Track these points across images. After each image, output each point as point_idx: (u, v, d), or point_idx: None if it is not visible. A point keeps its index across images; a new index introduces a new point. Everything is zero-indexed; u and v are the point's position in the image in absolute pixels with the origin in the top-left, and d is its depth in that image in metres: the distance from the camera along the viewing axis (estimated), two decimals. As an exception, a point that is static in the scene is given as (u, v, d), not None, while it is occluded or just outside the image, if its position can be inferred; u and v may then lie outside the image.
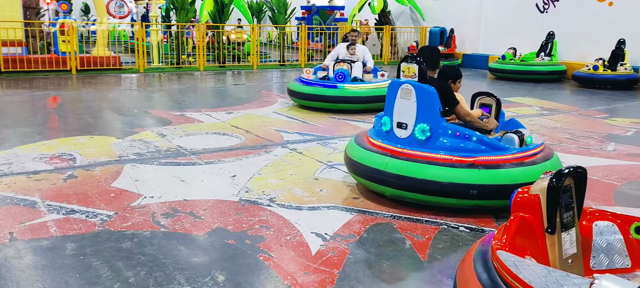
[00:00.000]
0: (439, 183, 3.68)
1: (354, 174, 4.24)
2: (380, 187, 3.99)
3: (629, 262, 2.30)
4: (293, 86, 8.29)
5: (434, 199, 3.80)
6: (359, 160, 4.08)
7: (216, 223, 3.53)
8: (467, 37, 16.67)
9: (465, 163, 3.70)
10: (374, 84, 8.04)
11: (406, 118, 3.99)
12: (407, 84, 3.97)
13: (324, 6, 20.54)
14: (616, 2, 12.80)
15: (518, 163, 3.76)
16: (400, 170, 3.81)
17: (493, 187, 3.62)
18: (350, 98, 7.79)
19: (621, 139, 6.47)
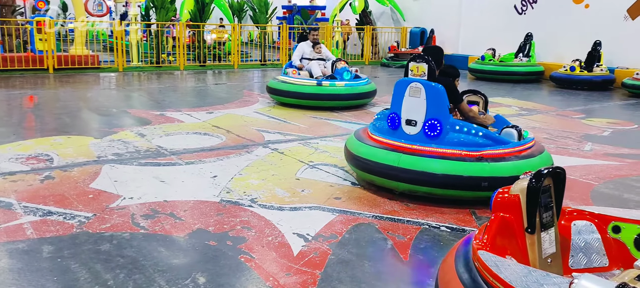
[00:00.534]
0: (452, 176, 3.84)
1: (361, 171, 4.33)
2: (390, 183, 4.10)
3: (606, 261, 2.33)
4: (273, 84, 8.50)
5: (446, 192, 3.94)
6: (368, 157, 4.18)
7: (197, 225, 3.50)
8: (447, 38, 16.81)
9: (474, 157, 3.89)
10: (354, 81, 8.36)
11: (415, 115, 4.16)
12: (417, 82, 4.14)
13: (305, 6, 20.55)
14: (592, 4, 13.04)
15: (520, 156, 3.99)
16: (413, 166, 3.94)
17: (501, 179, 3.71)
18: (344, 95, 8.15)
19: (598, 139, 6.58)
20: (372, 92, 8.62)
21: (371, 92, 8.59)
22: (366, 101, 8.62)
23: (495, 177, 3.79)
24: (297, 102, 8.13)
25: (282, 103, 8.40)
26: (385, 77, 13.62)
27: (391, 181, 4.09)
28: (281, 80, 8.37)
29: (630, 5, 12.30)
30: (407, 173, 3.96)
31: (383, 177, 4.13)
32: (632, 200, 4.27)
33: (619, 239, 2.33)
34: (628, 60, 12.35)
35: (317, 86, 8.03)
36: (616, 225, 2.34)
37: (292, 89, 8.15)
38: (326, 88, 8.02)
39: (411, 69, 4.22)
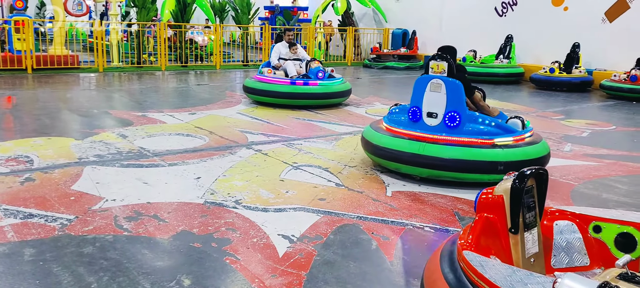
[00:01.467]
0: (472, 162, 4.38)
1: (384, 160, 4.79)
2: (414, 169, 4.62)
3: (587, 260, 2.38)
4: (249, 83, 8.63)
5: (466, 176, 4.47)
6: (392, 147, 4.67)
7: (181, 226, 3.48)
8: (429, 39, 16.93)
9: (489, 144, 4.46)
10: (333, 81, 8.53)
11: (436, 108, 4.68)
12: (438, 79, 4.65)
13: (288, 7, 20.50)
14: (571, 7, 13.25)
15: (526, 143, 4.57)
16: (436, 153, 4.44)
17: (514, 163, 4.28)
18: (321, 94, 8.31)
19: (577, 140, 6.69)
20: (346, 91, 8.71)
21: (346, 91, 8.69)
22: (341, 100, 8.72)
23: (509, 162, 4.33)
24: (272, 100, 8.28)
25: (260, 102, 8.51)
26: (367, 78, 13.68)
27: (415, 168, 4.58)
28: (257, 79, 8.49)
29: (608, 7, 12.53)
30: (431, 160, 4.45)
31: (408, 165, 4.61)
32: (611, 200, 4.35)
33: (600, 239, 2.38)
34: (606, 62, 12.57)
35: (291, 85, 8.19)
36: (597, 225, 2.39)
37: (268, 88, 8.30)
38: (300, 87, 8.19)
39: (431, 67, 4.72)
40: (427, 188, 4.47)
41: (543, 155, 4.63)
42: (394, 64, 16.34)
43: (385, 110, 8.55)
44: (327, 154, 5.53)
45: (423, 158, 4.48)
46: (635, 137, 7.25)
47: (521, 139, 4.58)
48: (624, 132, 7.53)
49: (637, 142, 6.88)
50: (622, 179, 4.97)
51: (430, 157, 4.45)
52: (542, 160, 4.56)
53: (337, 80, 8.60)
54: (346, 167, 5.06)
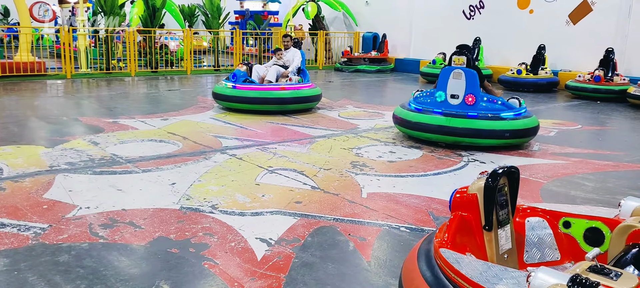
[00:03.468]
0: (485, 130, 5.97)
1: (418, 131, 6.28)
2: (442, 137, 6.12)
3: (558, 255, 2.46)
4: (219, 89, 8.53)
5: (482, 141, 6.03)
6: (422, 120, 6.19)
7: (157, 232, 3.45)
8: (399, 42, 17.14)
9: (497, 118, 6.02)
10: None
11: (458, 91, 6.18)
12: (459, 69, 6.21)
13: (258, 11, 20.50)
14: (536, 10, 13.59)
15: (523, 116, 6.20)
16: (459, 125, 6.00)
17: (515, 130, 6.06)
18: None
19: (545, 139, 6.88)
20: (316, 96, 8.65)
21: (316, 96, 8.63)
22: (311, 105, 8.65)
23: (512, 130, 6.02)
24: (240, 106, 8.17)
25: (230, 108, 8.39)
26: (339, 82, 13.76)
27: (442, 136, 6.10)
28: (225, 85, 8.39)
29: (572, 10, 12.90)
30: (455, 130, 6.00)
31: (437, 134, 6.12)
32: (579, 197, 4.50)
33: (570, 234, 2.47)
34: (570, 63, 12.94)
35: (260, 91, 8.10)
36: (566, 221, 2.48)
37: (236, 94, 8.18)
38: (269, 92, 8.10)
39: (454, 60, 6.31)
40: (402, 189, 4.54)
41: (535, 126, 6.31)
42: (365, 67, 16.48)
43: (358, 113, 8.64)
44: (302, 158, 5.56)
45: (450, 130, 6.01)
46: (600, 135, 7.49)
47: (519, 114, 6.17)
48: (589, 130, 7.76)
49: (602, 141, 7.11)
50: (589, 176, 5.14)
51: (455, 128, 5.99)
52: (534, 129, 6.29)
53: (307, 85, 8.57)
54: (321, 170, 5.10)
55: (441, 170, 5.26)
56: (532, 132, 6.25)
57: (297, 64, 8.84)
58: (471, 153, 5.95)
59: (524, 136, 6.21)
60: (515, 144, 6.20)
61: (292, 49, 8.97)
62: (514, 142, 6.15)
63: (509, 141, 6.08)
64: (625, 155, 6.09)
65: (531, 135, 6.31)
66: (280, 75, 8.66)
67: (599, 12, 12.45)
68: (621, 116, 9.20)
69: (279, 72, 8.68)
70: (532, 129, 6.23)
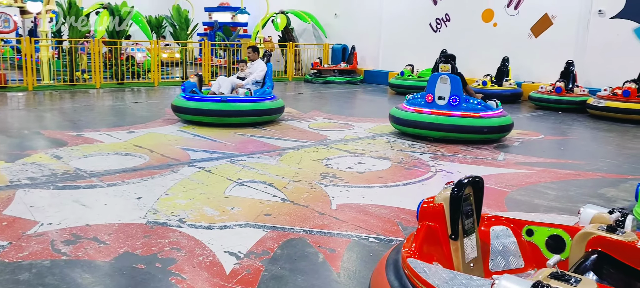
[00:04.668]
0: (467, 126, 7.13)
1: (410, 128, 7.47)
2: (431, 133, 7.26)
3: (522, 263, 2.52)
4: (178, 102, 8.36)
5: (463, 136, 7.17)
6: (412, 118, 7.41)
7: (123, 248, 3.39)
8: (368, 54, 17.31)
9: (477, 116, 7.15)
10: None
11: (444, 93, 7.31)
12: (445, 75, 7.34)
13: (227, 22, 20.43)
14: (500, 23, 13.93)
15: (499, 116, 7.32)
16: (445, 122, 7.17)
17: (492, 127, 7.21)
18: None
19: (510, 149, 7.03)
20: (278, 108, 8.55)
21: (277, 108, 8.53)
22: (273, 117, 8.50)
23: (490, 126, 7.16)
24: (199, 119, 8.00)
25: (188, 121, 8.19)
26: (309, 93, 13.80)
27: (430, 131, 7.25)
28: (184, 97, 8.21)
29: (533, 24, 13.27)
30: (441, 127, 7.18)
31: (427, 130, 7.27)
32: (542, 205, 4.60)
33: (533, 242, 2.52)
34: (533, 75, 13.29)
35: (220, 103, 7.98)
36: (529, 229, 2.54)
37: (195, 106, 8.02)
38: (230, 105, 7.96)
39: (441, 67, 7.44)
40: (371, 200, 4.57)
41: (509, 123, 7.45)
42: (334, 78, 16.58)
43: (328, 124, 8.67)
44: (271, 170, 5.54)
45: (437, 126, 7.18)
46: (561, 145, 7.70)
47: (495, 114, 7.29)
48: (552, 140, 7.97)
49: (564, 150, 7.31)
50: (551, 185, 5.27)
51: (441, 124, 7.15)
52: (509, 126, 7.44)
53: (269, 97, 8.45)
54: (291, 181, 5.09)
55: (409, 180, 5.31)
56: (507, 128, 7.43)
57: (257, 77, 8.67)
58: (439, 164, 6.04)
59: (500, 132, 7.40)
60: (493, 138, 7.35)
61: (258, 60, 8.91)
62: (491, 137, 7.30)
63: (487, 136, 7.22)
64: (586, 164, 6.27)
65: (506, 131, 7.48)
66: (235, 87, 8.51)
67: (559, 26, 12.84)
68: (581, 126, 9.48)
69: (234, 84, 8.57)
70: (506, 125, 7.41)
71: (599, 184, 5.38)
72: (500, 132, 7.35)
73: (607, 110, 10.13)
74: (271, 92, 8.69)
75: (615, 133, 8.77)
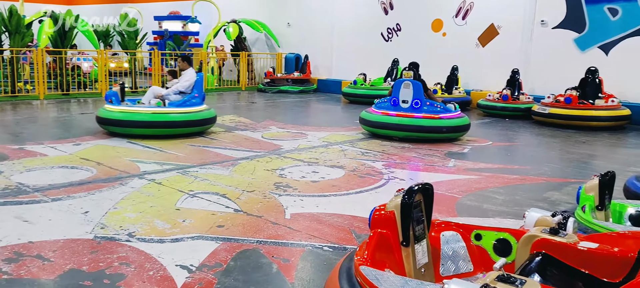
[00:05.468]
0: (428, 127, 8.01)
1: (377, 129, 8.33)
2: (395, 133, 8.12)
3: (471, 266, 2.58)
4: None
5: (424, 135, 8.02)
6: (383, 120, 8.23)
7: (68, 265, 3.26)
8: (321, 63, 17.41)
9: (437, 118, 8.03)
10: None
11: (407, 97, 8.16)
12: (407, 81, 8.24)
13: (178, 31, 20.13)
14: (449, 33, 14.31)
15: (456, 117, 8.20)
16: (408, 123, 8.05)
17: (451, 127, 8.11)
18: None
19: (459, 156, 7.21)
20: (211, 118, 8.33)
21: (209, 118, 8.32)
22: (201, 128, 8.22)
23: (448, 126, 8.06)
24: (126, 130, 7.72)
25: (114, 133, 7.87)
26: (262, 103, 13.75)
27: (396, 131, 8.11)
28: (109, 108, 7.90)
29: (480, 33, 13.70)
30: (406, 127, 8.05)
31: (391, 130, 8.15)
32: (491, 210, 4.73)
33: (481, 246, 2.59)
34: (481, 83, 13.70)
35: (147, 114, 7.75)
36: (478, 233, 2.60)
37: (121, 118, 7.72)
38: (158, 115, 7.76)
39: (404, 74, 8.54)
40: (325, 209, 4.58)
41: (466, 124, 8.36)
42: (288, 88, 16.58)
43: (281, 133, 8.66)
44: (224, 180, 5.48)
45: (402, 127, 8.06)
46: (508, 151, 7.96)
47: (454, 115, 8.17)
48: (499, 146, 8.23)
49: (511, 156, 7.55)
50: (499, 190, 5.43)
51: (405, 125, 8.05)
52: (466, 126, 8.35)
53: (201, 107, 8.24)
54: (244, 192, 5.04)
55: (363, 188, 5.36)
56: (464, 128, 8.33)
57: (180, 87, 8.35)
58: (391, 171, 6.12)
59: (458, 131, 8.26)
60: (451, 137, 8.20)
61: (188, 70, 8.58)
62: (450, 136, 8.16)
63: (446, 135, 8.09)
64: (531, 169, 6.50)
65: (463, 130, 8.35)
66: (155, 96, 8.25)
67: (505, 36, 13.30)
68: (527, 132, 9.83)
69: (156, 92, 8.33)
70: (463, 126, 8.30)
71: (543, 188, 5.58)
72: (458, 131, 8.26)
73: (551, 117, 10.55)
74: (201, 102, 8.37)
75: (558, 138, 9.13)
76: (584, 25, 12.04)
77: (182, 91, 8.40)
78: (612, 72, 11.22)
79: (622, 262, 2.15)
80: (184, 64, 8.76)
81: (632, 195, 4.32)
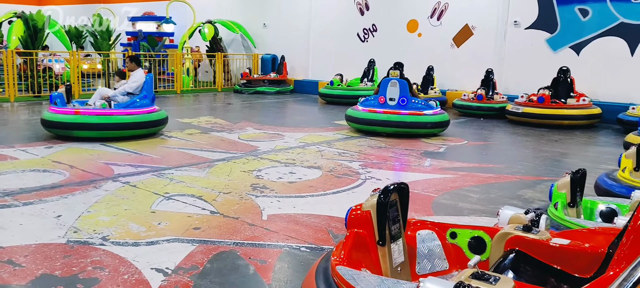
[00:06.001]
0: (413, 122, 8.60)
1: (365, 125, 8.80)
2: (383, 129, 8.65)
3: (447, 264, 2.60)
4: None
5: (410, 130, 8.59)
6: (368, 117, 8.77)
7: (40, 270, 3.20)
8: (298, 64, 17.40)
9: (422, 114, 8.60)
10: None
11: (394, 95, 8.73)
12: (394, 80, 8.79)
13: (152, 32, 19.88)
14: (424, 33, 14.44)
15: (438, 113, 8.75)
16: (395, 119, 8.62)
17: (433, 122, 8.69)
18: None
19: (435, 155, 7.27)
20: (161, 120, 8.15)
21: (159, 120, 8.12)
22: (149, 130, 8.01)
23: (433, 122, 8.65)
24: (70, 133, 7.48)
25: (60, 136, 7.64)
26: (239, 104, 13.68)
27: (383, 127, 8.64)
28: (53, 111, 7.61)
29: (455, 34, 13.85)
30: (392, 124, 8.61)
31: (379, 126, 8.66)
32: (466, 208, 4.79)
33: (456, 244, 2.62)
34: (456, 83, 13.85)
35: (92, 116, 7.52)
36: (453, 232, 2.63)
37: (65, 120, 7.46)
38: (104, 117, 7.54)
39: (391, 73, 8.96)
40: (302, 210, 4.58)
41: (447, 120, 8.92)
42: (264, 88, 16.53)
43: (258, 134, 8.62)
44: (200, 182, 5.43)
45: (388, 123, 8.61)
46: (483, 150, 8.07)
47: (436, 112, 8.75)
48: (474, 146, 8.33)
49: (485, 155, 7.66)
50: (474, 189, 5.49)
51: (392, 121, 8.60)
52: (446, 122, 8.90)
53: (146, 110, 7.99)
54: (221, 194, 5.01)
55: (340, 188, 5.37)
56: (445, 124, 8.92)
57: (127, 88, 8.16)
58: (368, 171, 6.14)
59: (439, 127, 8.83)
60: (435, 132, 8.81)
61: (137, 71, 8.37)
62: (433, 131, 8.75)
63: (430, 130, 8.68)
64: (505, 168, 6.59)
65: (444, 126, 8.93)
66: (102, 97, 8.05)
67: (479, 36, 13.48)
68: (501, 131, 9.98)
69: (103, 93, 8.12)
70: (445, 121, 8.91)
71: (517, 186, 5.67)
72: (441, 126, 8.87)
73: (524, 116, 10.73)
74: (151, 103, 8.18)
75: (532, 137, 9.29)
76: (556, 26, 12.27)
77: (130, 92, 8.15)
78: (583, 72, 11.47)
79: (593, 258, 2.20)
80: (132, 64, 8.46)
81: (603, 192, 4.42)
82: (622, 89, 11.33)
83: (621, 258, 1.90)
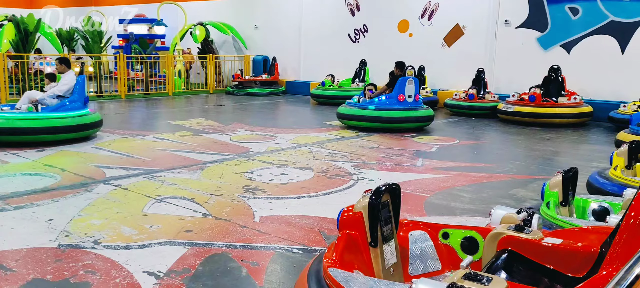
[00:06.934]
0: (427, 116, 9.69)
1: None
2: (401, 125, 9.35)
3: (439, 265, 2.60)
4: None
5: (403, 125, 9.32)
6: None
7: (32, 274, 3.17)
8: (289, 65, 17.39)
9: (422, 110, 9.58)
10: None
11: (411, 93, 9.41)
12: (411, 78, 9.46)
13: (144, 35, 19.80)
14: (415, 33, 14.47)
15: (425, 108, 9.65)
16: (414, 114, 9.50)
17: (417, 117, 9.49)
18: None
19: (427, 155, 7.29)
20: (93, 123, 7.94)
21: (91, 123, 7.90)
22: (87, 133, 7.87)
23: (417, 117, 9.49)
24: None
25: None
26: (230, 105, 13.65)
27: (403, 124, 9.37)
28: None
29: (446, 34, 13.89)
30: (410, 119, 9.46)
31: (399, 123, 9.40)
32: (458, 208, 4.80)
33: (449, 244, 2.62)
34: (447, 83, 13.90)
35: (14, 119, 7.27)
36: (445, 232, 2.63)
37: None
38: (28, 121, 7.26)
39: (408, 72, 9.73)
40: (294, 211, 4.57)
41: (431, 115, 9.76)
42: (256, 90, 16.51)
43: (250, 136, 8.60)
44: (192, 184, 5.41)
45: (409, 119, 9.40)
46: (475, 149, 8.09)
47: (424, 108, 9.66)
48: (466, 145, 8.35)
49: (477, 154, 7.68)
50: (467, 188, 5.51)
51: (412, 117, 9.42)
52: (430, 118, 9.73)
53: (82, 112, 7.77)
54: (213, 196, 4.99)
55: (332, 189, 5.37)
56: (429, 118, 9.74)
57: (57, 91, 7.95)
58: (360, 172, 6.15)
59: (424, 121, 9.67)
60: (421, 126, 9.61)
61: (67, 73, 8.15)
62: (417, 125, 9.51)
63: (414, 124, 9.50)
64: (497, 167, 6.62)
65: (429, 121, 9.74)
66: (30, 100, 7.84)
67: (470, 36, 13.52)
68: (493, 130, 10.02)
69: (31, 97, 7.93)
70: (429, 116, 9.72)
71: (509, 185, 5.69)
72: (425, 121, 9.69)
73: (516, 115, 10.78)
74: (83, 106, 7.94)
75: (523, 136, 9.33)
76: (547, 25, 12.34)
77: (61, 95, 7.92)
78: (573, 70, 11.54)
79: (585, 257, 2.20)
80: (62, 66, 8.22)
81: (595, 190, 4.44)
82: (613, 87, 11.42)
83: (614, 257, 1.90)
